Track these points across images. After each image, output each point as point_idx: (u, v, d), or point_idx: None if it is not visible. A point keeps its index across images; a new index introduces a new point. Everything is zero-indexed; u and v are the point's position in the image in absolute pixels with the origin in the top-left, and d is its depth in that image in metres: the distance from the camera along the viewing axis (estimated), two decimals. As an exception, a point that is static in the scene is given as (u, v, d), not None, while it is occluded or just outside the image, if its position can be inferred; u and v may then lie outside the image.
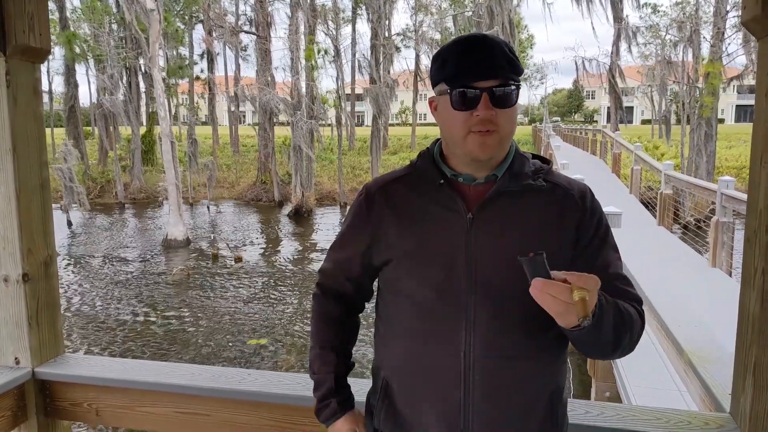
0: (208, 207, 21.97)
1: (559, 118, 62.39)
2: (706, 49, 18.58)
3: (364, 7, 26.58)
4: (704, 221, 10.72)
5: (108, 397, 1.67)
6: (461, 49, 1.10)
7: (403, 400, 1.16)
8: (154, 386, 1.62)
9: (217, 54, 30.66)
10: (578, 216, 1.13)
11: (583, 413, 1.36)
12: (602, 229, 1.15)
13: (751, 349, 1.25)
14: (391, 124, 44.92)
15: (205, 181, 22.73)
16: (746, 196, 1.33)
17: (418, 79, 33.55)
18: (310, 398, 1.48)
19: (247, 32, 26.86)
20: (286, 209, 20.97)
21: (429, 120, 49.98)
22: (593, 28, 44.41)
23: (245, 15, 29.02)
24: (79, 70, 27.08)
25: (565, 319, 0.93)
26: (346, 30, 29.46)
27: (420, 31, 31.11)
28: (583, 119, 64.46)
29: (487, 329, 1.08)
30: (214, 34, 27.32)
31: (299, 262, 13.85)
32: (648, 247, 7.69)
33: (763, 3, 1.17)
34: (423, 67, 32.08)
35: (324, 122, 23.39)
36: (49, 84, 28.21)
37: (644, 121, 58.02)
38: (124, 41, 23.92)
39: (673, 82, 24.62)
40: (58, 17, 22.78)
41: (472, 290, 1.09)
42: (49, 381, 1.69)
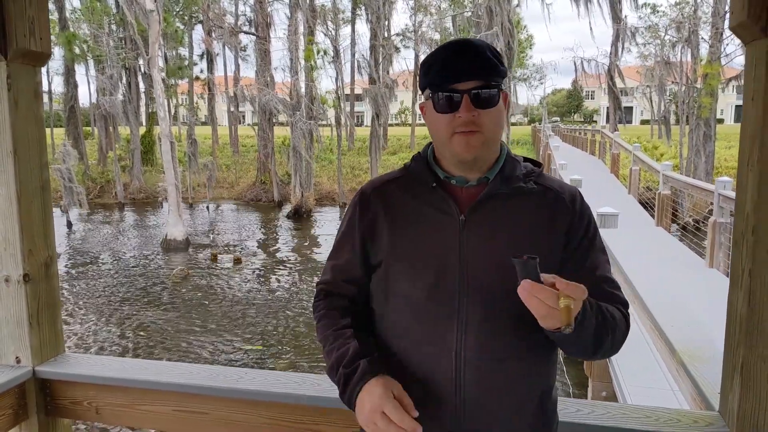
0: (208, 207, 21.96)
1: (559, 119, 62.35)
2: (705, 50, 18.60)
3: (363, 8, 26.59)
4: (703, 222, 10.74)
5: (108, 395, 1.68)
6: (444, 55, 1.13)
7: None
8: (153, 385, 1.63)
9: (217, 54, 30.66)
10: (569, 219, 1.14)
11: (574, 411, 1.37)
12: (591, 231, 1.17)
13: (739, 348, 1.27)
14: (391, 125, 44.91)
15: (205, 182, 22.71)
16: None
17: (418, 79, 33.55)
18: (307, 397, 1.51)
19: (246, 32, 26.87)
20: (286, 209, 20.97)
21: (428, 120, 49.67)
22: (591, 29, 44.39)
23: (245, 15, 29.02)
24: (79, 70, 27.07)
25: (547, 322, 0.95)
26: (346, 30, 29.49)
27: (419, 32, 31.17)
28: (582, 119, 64.42)
29: (478, 330, 1.09)
30: (214, 35, 27.33)
31: (299, 261, 13.86)
32: (646, 248, 7.69)
33: (749, 8, 1.19)
34: (422, 67, 32.01)
35: (323, 122, 23.35)
36: (49, 84, 28.23)
37: (644, 122, 57.96)
38: (123, 42, 23.90)
39: (672, 82, 24.64)
40: (58, 18, 22.77)
41: (464, 292, 1.10)
42: (50, 380, 1.70)
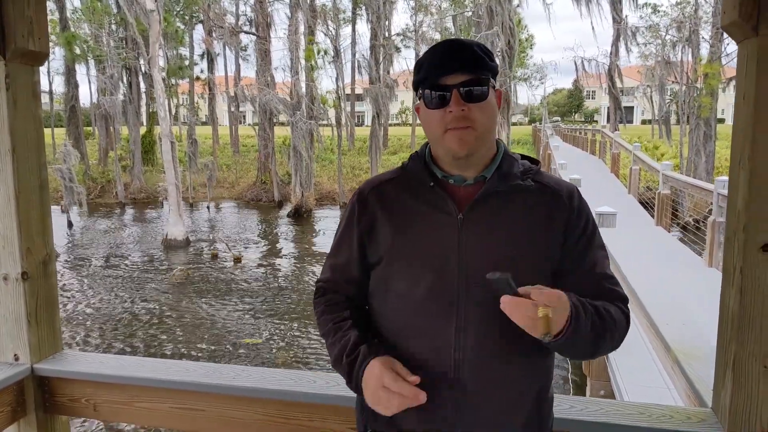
0: (208, 207, 21.98)
1: (560, 118, 62.30)
2: (705, 50, 18.58)
3: (363, 8, 26.59)
4: (703, 221, 10.74)
5: (105, 392, 1.69)
6: (433, 53, 1.15)
7: None
8: (150, 382, 1.64)
9: (217, 54, 30.68)
10: (566, 216, 1.14)
11: (568, 408, 1.38)
12: (589, 228, 1.17)
13: (731, 345, 1.27)
14: (391, 124, 44.89)
15: (205, 181, 22.75)
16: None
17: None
18: (302, 393, 1.52)
19: (247, 32, 26.89)
20: (286, 209, 20.99)
21: (429, 120, 49.61)
22: (593, 28, 44.23)
23: (245, 15, 29.06)
24: (80, 70, 27.14)
25: (534, 332, 0.97)
26: (346, 30, 29.50)
27: (420, 32, 31.16)
28: (583, 119, 64.36)
29: (477, 329, 1.09)
30: (214, 35, 27.35)
31: (298, 261, 13.87)
32: (645, 247, 7.70)
33: (741, 7, 1.20)
34: (423, 67, 32.02)
35: (324, 122, 23.36)
36: (50, 84, 28.23)
37: (644, 121, 57.87)
38: (124, 42, 23.93)
39: (673, 82, 24.61)
40: (59, 18, 22.80)
41: (462, 290, 1.09)
42: (48, 377, 1.71)
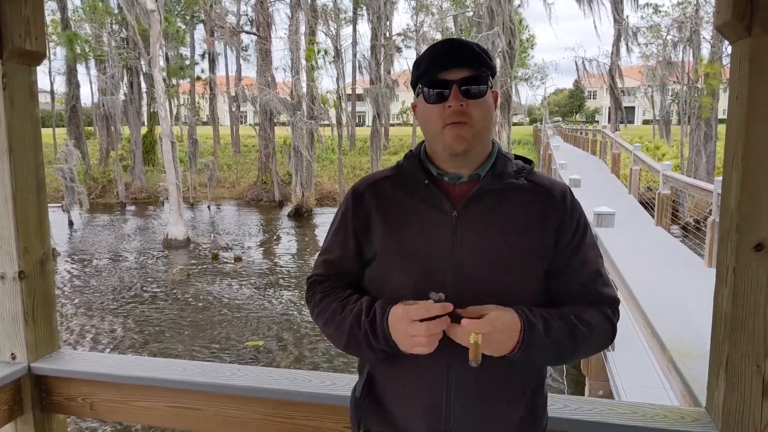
0: (209, 207, 22.00)
1: (560, 118, 62.24)
2: (706, 50, 18.58)
3: (364, 8, 26.60)
4: (703, 222, 10.74)
5: (102, 391, 1.70)
6: (432, 50, 1.16)
7: (387, 396, 1.17)
8: (147, 381, 1.65)
9: (218, 54, 30.75)
10: (560, 215, 1.15)
11: (562, 407, 1.38)
12: (581, 228, 1.17)
13: (724, 345, 1.28)
14: (392, 124, 44.88)
15: (206, 181, 22.77)
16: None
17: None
18: (298, 393, 1.53)
19: (247, 32, 26.90)
20: (287, 209, 21.00)
21: (430, 120, 49.57)
22: (595, 27, 44.21)
23: (246, 15, 29.08)
24: (81, 70, 27.15)
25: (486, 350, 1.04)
26: (347, 30, 29.54)
27: (421, 32, 31.17)
28: (584, 119, 64.31)
29: None
30: (215, 35, 27.37)
31: (299, 261, 13.88)
32: (645, 247, 7.70)
33: (734, 7, 1.20)
34: (424, 67, 32.05)
35: (324, 122, 23.37)
36: (51, 84, 28.18)
37: (645, 122, 57.79)
38: (125, 41, 23.97)
39: (674, 82, 24.60)
40: (60, 17, 22.83)
41: (457, 288, 1.09)
42: (45, 376, 1.72)
